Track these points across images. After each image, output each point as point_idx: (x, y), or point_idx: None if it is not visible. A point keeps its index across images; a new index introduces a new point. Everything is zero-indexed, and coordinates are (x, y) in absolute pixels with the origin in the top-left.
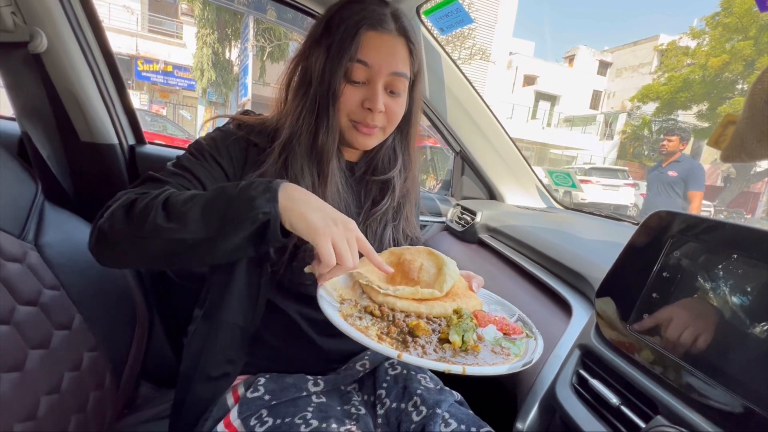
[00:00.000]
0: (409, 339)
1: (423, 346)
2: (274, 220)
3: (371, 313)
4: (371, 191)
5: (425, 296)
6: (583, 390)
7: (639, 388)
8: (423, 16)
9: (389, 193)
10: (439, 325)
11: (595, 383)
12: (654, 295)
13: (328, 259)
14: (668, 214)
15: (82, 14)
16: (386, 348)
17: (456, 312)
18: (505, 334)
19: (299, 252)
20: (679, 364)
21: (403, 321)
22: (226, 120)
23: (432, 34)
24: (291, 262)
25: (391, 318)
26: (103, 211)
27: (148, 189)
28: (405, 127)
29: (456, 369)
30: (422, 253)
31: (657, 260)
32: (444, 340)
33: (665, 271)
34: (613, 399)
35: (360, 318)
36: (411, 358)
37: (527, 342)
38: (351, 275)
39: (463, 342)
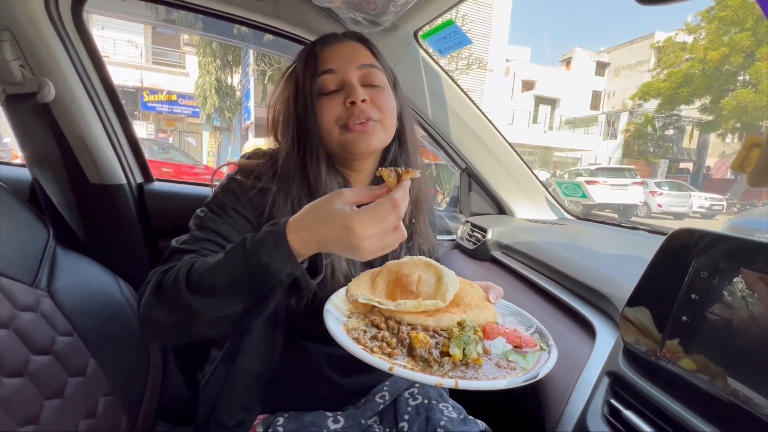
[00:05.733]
0: (399, 352)
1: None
2: (302, 275)
3: (377, 327)
4: None
5: (428, 308)
6: (615, 421)
7: (675, 418)
8: (421, 40)
9: None
10: (444, 337)
11: (629, 414)
12: (684, 318)
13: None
14: (691, 232)
15: (87, 60)
16: (378, 360)
17: (459, 324)
18: (516, 346)
19: (316, 300)
20: (716, 390)
21: (407, 334)
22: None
23: (431, 56)
24: (308, 307)
25: (395, 331)
26: (140, 297)
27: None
28: (401, 134)
29: (448, 382)
30: (419, 265)
31: (683, 282)
32: (445, 353)
33: (693, 292)
34: (649, 431)
35: (365, 332)
36: (401, 371)
37: (539, 355)
38: (350, 295)
39: (465, 355)
